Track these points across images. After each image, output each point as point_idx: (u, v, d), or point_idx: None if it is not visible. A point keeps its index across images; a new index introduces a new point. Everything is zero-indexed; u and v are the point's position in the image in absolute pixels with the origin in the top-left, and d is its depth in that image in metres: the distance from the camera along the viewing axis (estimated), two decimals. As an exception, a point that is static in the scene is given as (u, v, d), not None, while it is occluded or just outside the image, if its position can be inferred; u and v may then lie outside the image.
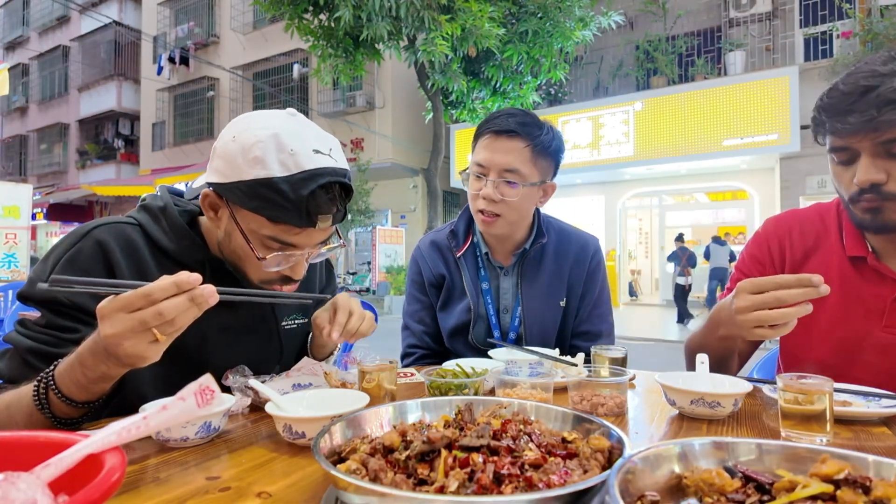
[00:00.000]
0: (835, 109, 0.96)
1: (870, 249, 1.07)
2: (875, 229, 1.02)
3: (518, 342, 1.43)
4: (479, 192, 1.34)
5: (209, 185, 0.93)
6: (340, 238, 1.01)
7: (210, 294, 0.70)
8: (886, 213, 0.97)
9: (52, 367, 0.76)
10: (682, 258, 9.43)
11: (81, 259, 0.89)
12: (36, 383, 0.76)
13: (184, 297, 0.68)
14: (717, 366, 1.13)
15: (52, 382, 0.75)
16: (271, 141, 0.85)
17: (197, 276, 0.69)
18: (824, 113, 0.99)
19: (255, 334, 1.08)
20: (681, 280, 9.44)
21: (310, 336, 1.20)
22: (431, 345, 1.53)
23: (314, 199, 0.86)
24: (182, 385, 0.96)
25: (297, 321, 1.17)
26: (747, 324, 0.91)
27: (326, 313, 1.04)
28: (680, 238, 9.68)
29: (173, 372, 0.92)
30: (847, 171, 0.99)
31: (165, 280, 0.68)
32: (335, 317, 1.01)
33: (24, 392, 0.77)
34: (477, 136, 1.38)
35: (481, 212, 1.35)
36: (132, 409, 0.90)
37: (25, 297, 0.87)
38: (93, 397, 0.77)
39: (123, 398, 0.90)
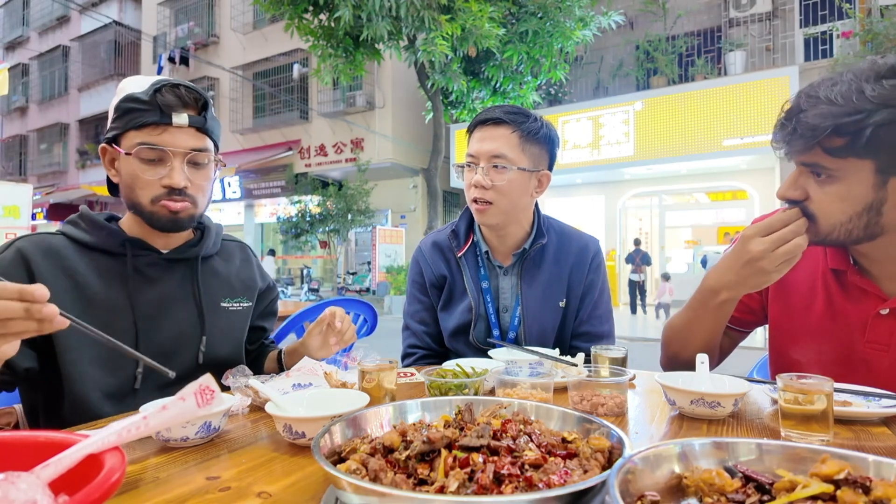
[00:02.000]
0: (778, 123, 0.99)
1: (851, 262, 1.05)
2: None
3: (517, 342, 1.43)
4: (471, 182, 1.37)
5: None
6: (219, 159, 1.14)
7: (50, 314, 0.69)
8: (810, 233, 0.96)
9: None
10: (636, 258, 10.89)
11: (2, 268, 0.99)
12: None
13: (21, 304, 0.68)
14: (709, 342, 1.13)
15: None
16: (132, 79, 1.08)
17: (44, 293, 0.68)
18: (776, 126, 1.01)
19: (182, 309, 1.14)
20: (634, 276, 10.86)
21: (283, 347, 1.29)
22: (432, 345, 1.53)
23: (162, 95, 1.03)
24: (116, 358, 1.03)
25: (241, 304, 1.25)
26: (773, 263, 0.93)
27: (319, 333, 1.18)
28: (637, 242, 11.22)
29: (106, 346, 0.97)
30: None
31: (12, 285, 0.68)
32: (330, 328, 1.17)
33: None
34: (469, 132, 1.43)
35: (475, 201, 1.37)
36: (78, 386, 0.99)
37: None
38: None
39: (66, 377, 0.99)
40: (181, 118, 1.04)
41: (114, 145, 1.06)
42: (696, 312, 1.11)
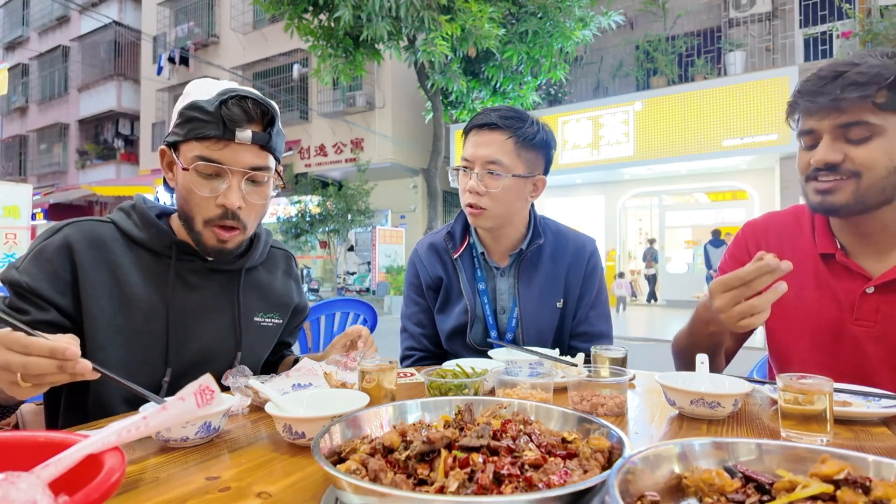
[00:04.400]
0: (808, 91, 1.03)
1: (838, 246, 1.12)
2: (825, 211, 1.08)
3: (515, 343, 1.43)
4: (465, 187, 1.36)
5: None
6: (282, 178, 1.10)
7: (83, 370, 0.72)
8: (838, 195, 1.01)
9: None
10: (648, 256, 12.46)
11: (47, 253, 0.99)
12: None
13: (54, 363, 0.70)
14: (712, 358, 1.16)
15: None
16: (201, 84, 1.04)
17: (74, 352, 0.70)
18: (799, 95, 1.05)
19: (217, 321, 1.12)
20: (646, 271, 12.58)
21: (302, 356, 1.28)
22: (430, 347, 1.53)
23: (228, 108, 0.97)
24: (145, 361, 1.03)
25: (273, 320, 1.23)
26: (732, 319, 0.95)
27: (343, 347, 1.19)
28: (651, 241, 12.50)
29: (136, 348, 1.01)
30: (808, 154, 1.06)
31: (42, 342, 0.70)
32: (354, 347, 1.18)
33: None
34: (465, 135, 1.42)
35: (470, 206, 1.36)
36: (100, 386, 0.99)
37: (2, 281, 0.99)
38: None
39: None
40: (244, 134, 0.98)
41: (173, 151, 1.03)
42: (694, 338, 1.17)
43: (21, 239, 6.33)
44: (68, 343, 0.70)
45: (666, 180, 11.69)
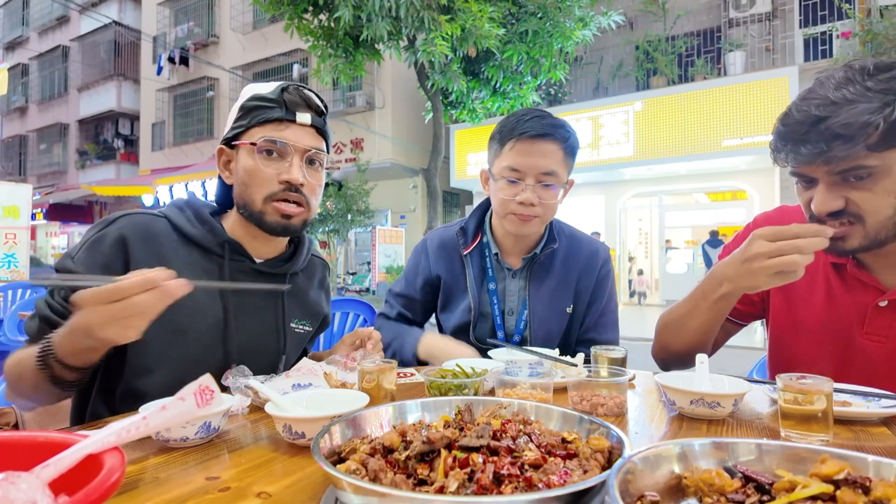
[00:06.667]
0: (789, 138, 0.95)
1: (851, 256, 1.06)
2: (838, 255, 1.02)
3: (522, 345, 1.43)
4: (514, 198, 1.32)
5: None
6: (332, 163, 1.16)
7: (179, 286, 0.76)
8: (850, 240, 0.95)
9: (51, 336, 0.86)
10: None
11: (101, 244, 1.00)
12: (39, 349, 0.85)
13: (153, 292, 0.74)
14: (703, 336, 1.13)
15: (50, 351, 0.84)
16: (257, 84, 1.11)
17: (168, 273, 0.76)
18: (779, 140, 0.97)
19: (262, 323, 1.14)
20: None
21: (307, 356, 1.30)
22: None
23: (289, 94, 1.06)
24: (191, 361, 1.04)
25: (304, 327, 1.24)
26: (766, 270, 0.91)
27: (351, 345, 1.20)
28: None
29: (181, 344, 1.02)
30: (807, 192, 0.99)
31: (136, 276, 0.74)
32: (363, 345, 1.18)
33: (32, 352, 0.88)
34: (504, 140, 1.34)
35: (515, 214, 1.34)
36: (138, 383, 1.00)
37: (57, 269, 1.01)
38: (87, 363, 0.86)
39: (128, 365, 1.00)
40: (304, 117, 1.06)
41: (232, 145, 1.08)
42: (697, 303, 1.11)
43: (21, 239, 6.32)
44: (154, 271, 0.75)
45: (666, 180, 11.69)
